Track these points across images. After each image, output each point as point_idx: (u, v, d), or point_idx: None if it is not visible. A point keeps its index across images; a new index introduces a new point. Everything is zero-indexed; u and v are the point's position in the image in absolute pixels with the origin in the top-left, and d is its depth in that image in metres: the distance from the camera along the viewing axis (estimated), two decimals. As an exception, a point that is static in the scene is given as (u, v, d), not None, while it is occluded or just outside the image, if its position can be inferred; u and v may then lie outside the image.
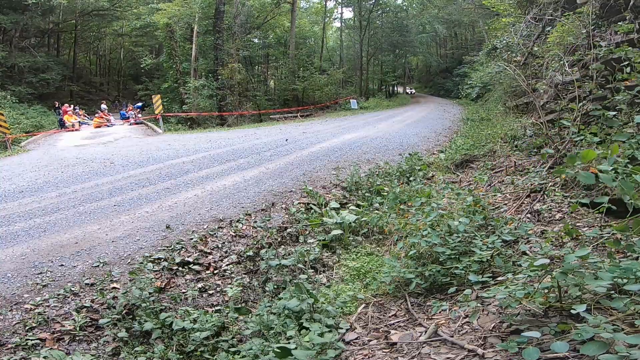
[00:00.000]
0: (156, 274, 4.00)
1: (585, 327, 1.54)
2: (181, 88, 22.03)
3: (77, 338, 3.21)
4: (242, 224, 5.11)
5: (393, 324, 2.85)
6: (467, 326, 2.33)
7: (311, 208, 5.53)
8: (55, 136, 16.01)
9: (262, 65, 31.41)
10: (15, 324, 3.23)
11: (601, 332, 1.49)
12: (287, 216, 5.34)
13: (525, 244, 3.16)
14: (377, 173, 6.93)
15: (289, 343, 2.65)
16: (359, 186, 6.27)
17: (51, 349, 3.02)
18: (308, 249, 4.45)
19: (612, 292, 1.86)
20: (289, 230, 4.96)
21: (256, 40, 28.59)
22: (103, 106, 21.67)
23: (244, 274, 4.20)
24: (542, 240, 3.13)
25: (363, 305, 3.26)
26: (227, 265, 4.30)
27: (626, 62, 4.09)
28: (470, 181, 6.14)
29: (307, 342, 2.54)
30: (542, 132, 5.60)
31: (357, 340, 2.75)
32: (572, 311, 1.66)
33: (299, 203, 5.73)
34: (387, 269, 3.48)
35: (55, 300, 3.50)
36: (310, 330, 2.69)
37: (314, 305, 2.95)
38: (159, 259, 4.21)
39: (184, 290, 3.87)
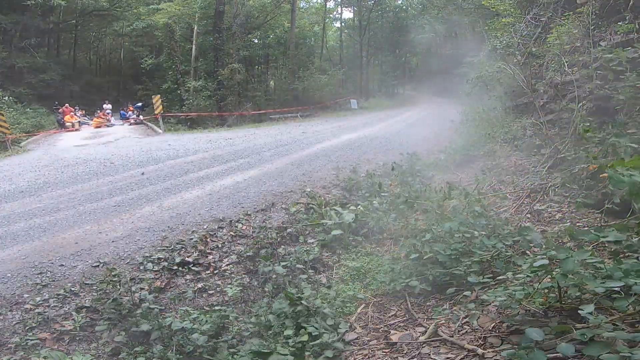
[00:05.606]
0: (156, 274, 4.00)
1: (587, 330, 1.54)
2: (181, 88, 22.01)
3: (77, 338, 3.21)
4: (242, 224, 5.11)
5: (393, 324, 2.85)
6: (467, 326, 2.33)
7: (311, 208, 5.52)
8: (55, 136, 16.01)
9: (262, 65, 31.40)
10: (15, 324, 3.23)
11: (602, 332, 1.49)
12: (287, 216, 5.34)
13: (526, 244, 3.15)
14: (377, 173, 6.93)
15: (286, 342, 2.66)
16: (359, 186, 6.26)
17: (51, 349, 3.02)
18: (308, 249, 4.45)
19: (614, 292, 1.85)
20: (289, 230, 4.96)
21: (256, 41, 28.56)
22: (106, 106, 21.61)
23: (244, 274, 4.21)
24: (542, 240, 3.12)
25: (363, 306, 3.26)
26: (227, 265, 4.30)
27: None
28: (470, 181, 6.14)
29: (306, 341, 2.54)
30: (542, 132, 5.60)
31: (357, 340, 2.75)
32: (580, 312, 1.66)
33: (299, 203, 5.73)
34: (387, 268, 3.49)
35: (55, 300, 3.50)
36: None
37: (310, 310, 2.93)
38: (159, 259, 4.21)
39: (183, 290, 3.87)
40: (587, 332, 1.52)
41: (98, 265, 4.04)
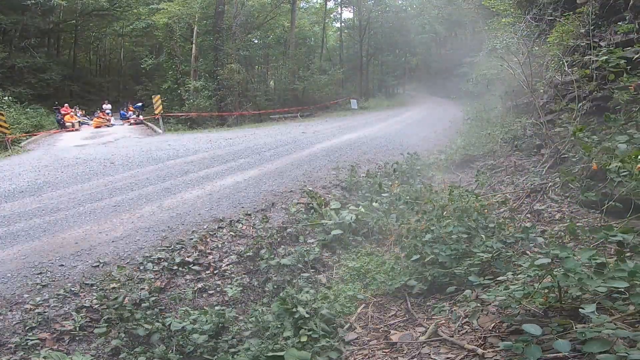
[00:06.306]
0: (156, 274, 4.00)
1: (588, 328, 1.54)
2: (181, 88, 22.00)
3: (77, 338, 3.21)
4: (242, 224, 5.11)
5: (393, 324, 2.85)
6: (467, 326, 2.33)
7: (311, 208, 5.53)
8: (55, 136, 16.01)
9: (262, 66, 31.39)
10: (15, 324, 3.23)
11: (602, 331, 1.49)
12: (287, 216, 5.34)
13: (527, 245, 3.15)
14: (377, 173, 6.93)
15: (286, 344, 2.66)
16: (359, 186, 6.26)
17: (51, 349, 3.02)
18: (308, 249, 4.45)
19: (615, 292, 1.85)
20: (289, 230, 4.96)
21: (256, 41, 28.54)
22: (105, 106, 21.60)
23: (244, 274, 4.20)
24: (543, 241, 3.12)
25: (363, 306, 3.26)
26: (227, 265, 4.30)
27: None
28: (470, 181, 6.14)
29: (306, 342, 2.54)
30: (542, 132, 5.60)
31: (357, 340, 2.75)
32: (581, 311, 1.66)
33: (299, 203, 5.73)
34: (388, 268, 3.48)
35: (55, 300, 3.50)
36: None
37: (308, 314, 2.93)
38: (159, 259, 4.21)
39: (183, 290, 3.87)
40: (587, 332, 1.52)
41: (98, 265, 4.04)
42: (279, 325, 2.92)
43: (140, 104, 22.70)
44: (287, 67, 27.30)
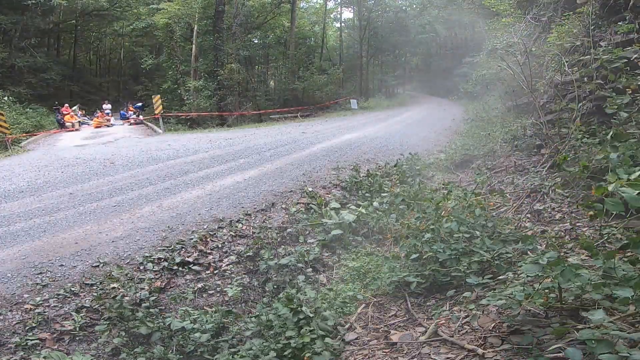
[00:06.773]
0: (156, 274, 4.00)
1: (592, 332, 1.53)
2: (181, 88, 22.01)
3: (77, 338, 3.21)
4: (242, 224, 5.11)
5: (393, 324, 2.85)
6: (467, 326, 2.33)
7: (311, 208, 5.53)
8: (55, 136, 16.01)
9: (262, 65, 31.41)
10: (15, 324, 3.23)
11: (607, 332, 1.49)
12: (287, 216, 5.34)
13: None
14: (377, 173, 6.93)
15: (288, 343, 2.66)
16: (359, 186, 6.26)
17: (51, 349, 3.02)
18: (308, 249, 4.45)
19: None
20: (289, 230, 4.96)
21: (256, 41, 28.55)
22: (105, 106, 21.61)
23: (244, 274, 4.21)
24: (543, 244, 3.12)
25: (363, 306, 3.26)
26: (227, 265, 4.30)
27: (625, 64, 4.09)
28: (470, 181, 6.14)
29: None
30: (542, 132, 5.60)
31: (357, 340, 2.75)
32: (590, 317, 1.65)
33: (299, 203, 5.73)
34: (387, 269, 3.48)
35: (55, 300, 3.50)
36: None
37: (311, 314, 2.92)
38: (159, 259, 4.21)
39: (183, 291, 3.87)
40: (588, 333, 1.52)
41: (98, 265, 4.04)
42: (282, 325, 2.91)
43: (140, 104, 22.70)
44: (287, 67, 27.31)
